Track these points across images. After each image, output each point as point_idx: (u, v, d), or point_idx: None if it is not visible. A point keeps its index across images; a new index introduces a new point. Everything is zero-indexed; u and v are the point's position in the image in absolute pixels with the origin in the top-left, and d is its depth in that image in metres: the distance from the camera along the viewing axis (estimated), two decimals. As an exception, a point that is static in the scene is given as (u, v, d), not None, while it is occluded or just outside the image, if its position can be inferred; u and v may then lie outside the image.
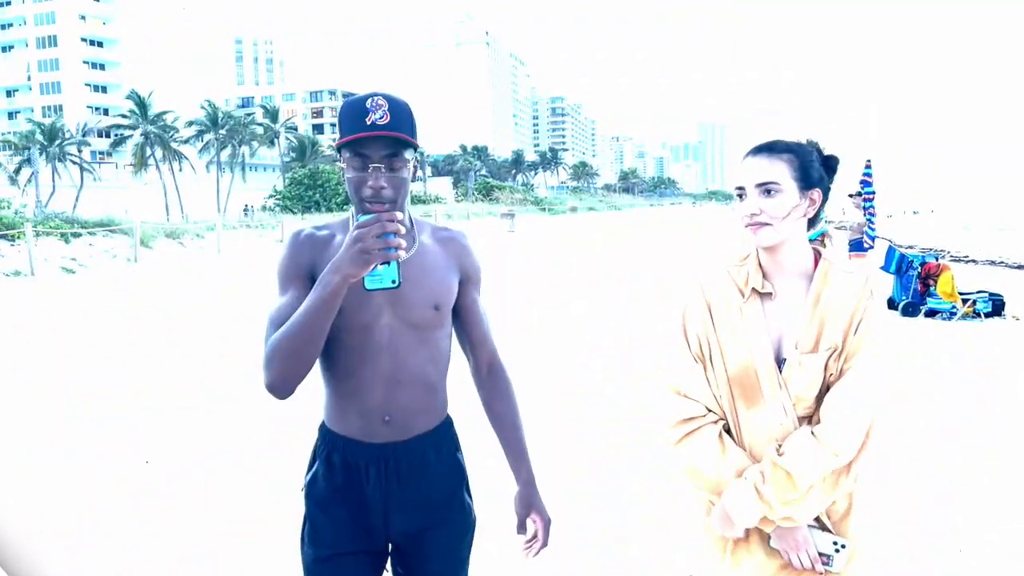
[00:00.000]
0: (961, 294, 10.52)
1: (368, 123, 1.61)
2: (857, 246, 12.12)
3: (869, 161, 12.70)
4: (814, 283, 1.75)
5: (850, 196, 12.60)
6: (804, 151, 1.76)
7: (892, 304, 11.15)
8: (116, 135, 61.64)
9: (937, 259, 11.45)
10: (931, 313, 10.49)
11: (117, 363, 7.89)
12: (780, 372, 1.73)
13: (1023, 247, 27.66)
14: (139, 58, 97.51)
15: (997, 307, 10.41)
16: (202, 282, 16.27)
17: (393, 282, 1.49)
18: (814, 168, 1.75)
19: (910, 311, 10.60)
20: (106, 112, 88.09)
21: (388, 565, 1.86)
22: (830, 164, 1.80)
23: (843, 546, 1.75)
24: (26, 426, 5.76)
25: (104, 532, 3.86)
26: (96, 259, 19.47)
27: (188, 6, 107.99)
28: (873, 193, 12.32)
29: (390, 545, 1.83)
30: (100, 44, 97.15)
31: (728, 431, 1.80)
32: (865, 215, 12.07)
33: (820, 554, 1.75)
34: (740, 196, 1.75)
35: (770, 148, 1.75)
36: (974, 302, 10.33)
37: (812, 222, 1.79)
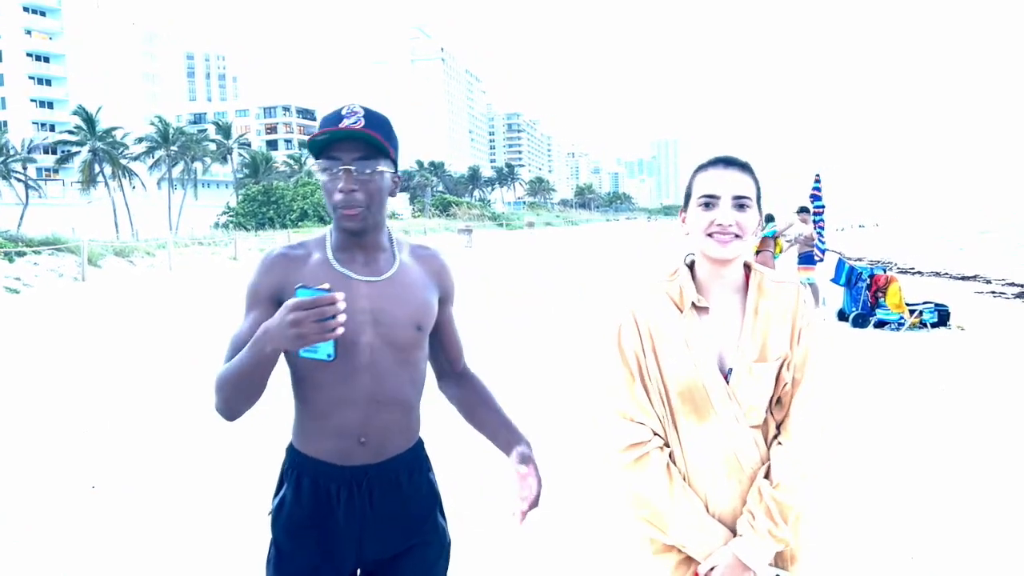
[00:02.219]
0: (908, 305, 10.77)
1: (343, 127, 1.61)
2: (807, 259, 12.36)
3: (819, 175, 12.98)
4: (750, 295, 1.78)
5: (796, 212, 12.87)
6: (755, 171, 1.81)
7: (843, 315, 11.38)
8: (63, 151, 60.15)
9: (885, 271, 11.73)
10: (880, 324, 10.72)
11: (63, 384, 7.66)
12: (728, 383, 1.74)
13: (966, 259, 28.47)
14: (86, 73, 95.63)
15: (943, 317, 10.69)
16: (152, 301, 15.93)
17: (328, 356, 1.43)
18: (761, 188, 1.81)
19: (860, 322, 10.82)
20: (52, 128, 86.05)
21: None
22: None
23: None
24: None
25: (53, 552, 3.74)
26: (42, 278, 18.93)
27: (137, 21, 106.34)
28: (823, 207, 12.59)
29: (359, 571, 1.78)
30: (46, 59, 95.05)
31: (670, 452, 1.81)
32: (815, 228, 12.33)
33: None
34: (708, 205, 1.72)
35: (741, 163, 1.78)
36: (921, 313, 10.59)
37: None
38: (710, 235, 1.71)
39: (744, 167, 1.77)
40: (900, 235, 56.59)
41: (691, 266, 1.82)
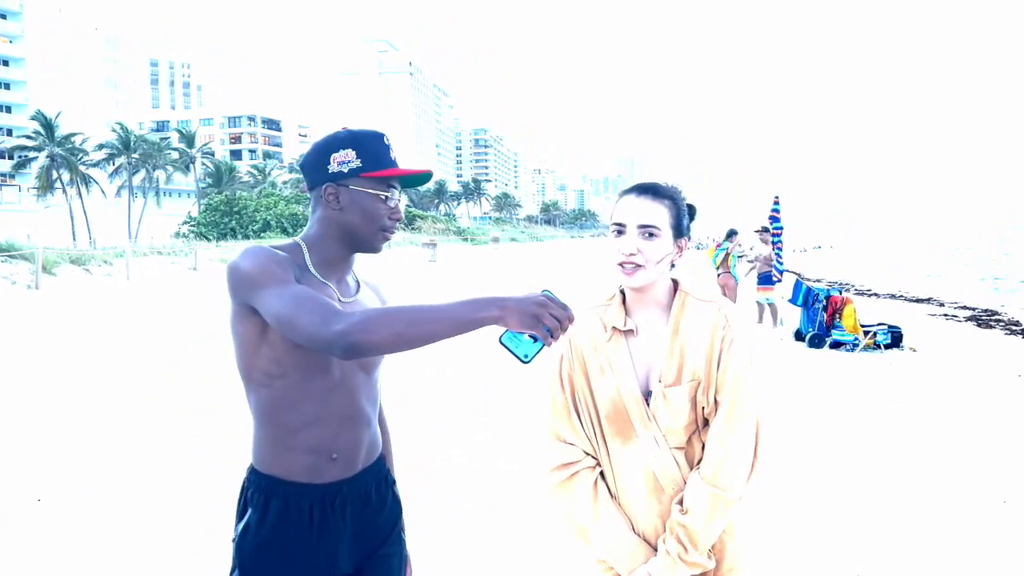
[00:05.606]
0: (863, 326, 10.98)
1: (394, 158, 1.77)
2: (765, 279, 12.57)
3: (777, 197, 13.23)
4: (672, 314, 1.78)
5: (756, 232, 13.09)
6: (679, 199, 1.80)
7: (799, 336, 11.56)
8: (20, 157, 59.02)
9: (841, 292, 11.95)
10: (836, 345, 10.91)
11: (10, 394, 7.49)
12: (648, 406, 1.76)
13: (920, 282, 29.12)
14: (47, 78, 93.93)
15: (896, 339, 10.91)
16: (108, 311, 15.64)
17: (525, 356, 1.50)
18: (684, 217, 1.80)
19: (816, 343, 11.00)
20: (10, 133, 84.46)
21: None
22: (691, 213, 1.85)
23: None
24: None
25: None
26: (-7, 285, 18.51)
27: (100, 26, 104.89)
28: (781, 228, 12.83)
29: None
30: (5, 63, 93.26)
31: (602, 472, 1.83)
32: (773, 249, 12.55)
33: None
34: (618, 233, 1.76)
35: (654, 191, 1.77)
36: (875, 334, 10.80)
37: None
38: (619, 263, 1.75)
39: (658, 194, 1.77)
40: (856, 257, 57.78)
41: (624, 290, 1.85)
